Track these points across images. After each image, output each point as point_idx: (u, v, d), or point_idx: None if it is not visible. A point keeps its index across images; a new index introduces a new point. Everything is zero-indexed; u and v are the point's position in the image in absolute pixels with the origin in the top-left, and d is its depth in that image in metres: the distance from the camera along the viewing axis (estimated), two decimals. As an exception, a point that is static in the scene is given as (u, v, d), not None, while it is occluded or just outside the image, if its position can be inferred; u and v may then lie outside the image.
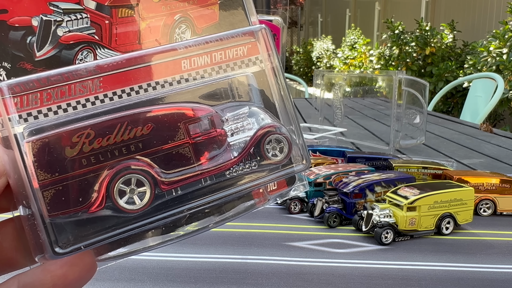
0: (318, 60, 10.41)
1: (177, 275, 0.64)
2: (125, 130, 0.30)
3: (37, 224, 0.28)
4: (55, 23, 0.36)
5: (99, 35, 0.37)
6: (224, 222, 0.35)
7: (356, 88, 1.84)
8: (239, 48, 0.35)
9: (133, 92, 0.31)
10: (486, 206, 0.91)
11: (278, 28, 1.21)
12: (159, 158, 0.31)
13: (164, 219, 0.32)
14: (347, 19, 11.80)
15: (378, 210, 0.78)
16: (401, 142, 1.37)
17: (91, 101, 0.30)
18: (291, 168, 0.36)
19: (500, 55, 4.04)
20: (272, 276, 0.65)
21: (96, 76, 0.30)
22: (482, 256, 0.72)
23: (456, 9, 6.99)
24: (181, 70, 0.33)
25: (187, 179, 0.32)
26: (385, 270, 0.67)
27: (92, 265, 0.30)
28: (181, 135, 0.32)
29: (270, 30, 0.36)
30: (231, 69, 0.34)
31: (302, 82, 4.75)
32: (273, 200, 0.37)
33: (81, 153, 0.29)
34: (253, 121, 0.34)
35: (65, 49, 0.36)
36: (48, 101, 0.29)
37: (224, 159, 0.33)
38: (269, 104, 0.36)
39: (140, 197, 0.31)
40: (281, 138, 0.35)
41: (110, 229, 0.30)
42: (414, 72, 5.35)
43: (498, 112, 4.32)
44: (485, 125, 2.00)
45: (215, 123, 0.33)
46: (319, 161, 1.03)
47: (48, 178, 0.28)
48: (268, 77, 0.36)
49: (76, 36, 0.36)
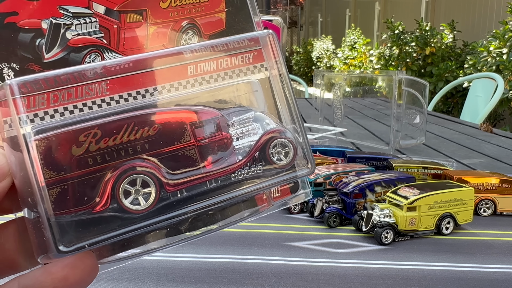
0: (318, 60, 10.42)
1: (177, 275, 0.64)
2: (131, 131, 0.30)
3: (41, 222, 0.28)
4: (64, 26, 0.36)
5: (107, 39, 0.37)
6: (227, 226, 0.35)
7: (356, 88, 1.84)
8: (244, 55, 0.35)
9: (139, 96, 0.31)
10: (486, 206, 0.91)
11: (278, 28, 1.21)
12: (164, 160, 0.31)
13: (168, 220, 0.31)
14: (347, 19, 11.81)
15: (378, 210, 0.78)
16: (401, 142, 1.37)
17: (98, 104, 0.30)
18: (295, 172, 0.36)
19: (500, 55, 4.04)
20: (272, 276, 0.65)
21: (103, 79, 0.30)
22: (482, 256, 0.72)
23: (456, 9, 6.99)
24: (187, 76, 0.33)
25: (192, 181, 0.32)
26: (385, 270, 0.67)
27: (94, 267, 0.30)
28: (187, 137, 0.32)
29: (276, 36, 0.36)
30: (236, 75, 0.35)
31: (302, 82, 4.75)
32: (277, 207, 0.38)
33: (87, 152, 0.29)
34: (258, 126, 0.35)
35: (73, 52, 0.37)
36: (55, 103, 0.29)
37: (229, 162, 0.33)
38: (274, 110, 0.36)
39: (145, 198, 0.31)
40: (286, 142, 0.35)
41: (114, 229, 0.30)
42: (414, 72, 5.35)
43: (498, 112, 4.32)
44: (485, 125, 2.00)
45: (221, 126, 0.33)
46: (319, 161, 1.03)
47: (54, 176, 0.28)
48: (274, 83, 0.36)
49: (84, 39, 0.37)
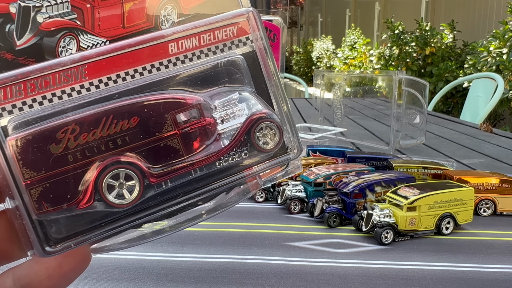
0: (318, 60, 10.41)
1: (177, 275, 0.64)
2: (111, 124, 0.29)
3: (25, 224, 0.28)
4: (34, 9, 0.34)
5: (81, 20, 0.35)
6: (218, 213, 0.34)
7: (356, 88, 1.84)
8: (228, 29, 0.33)
9: (120, 79, 0.30)
10: (486, 206, 0.91)
11: (278, 28, 1.21)
12: (147, 151, 0.30)
13: (155, 212, 0.31)
14: (347, 19, 11.81)
15: (378, 210, 0.78)
16: (401, 142, 1.37)
17: (77, 90, 0.29)
18: (283, 157, 0.35)
19: (500, 55, 4.04)
20: (272, 276, 0.65)
21: (80, 64, 0.29)
22: (482, 256, 0.72)
23: (456, 9, 6.99)
24: (169, 54, 0.32)
25: (177, 171, 0.31)
26: (385, 270, 0.67)
27: (87, 255, 0.30)
28: (169, 127, 0.31)
29: (258, 13, 0.34)
30: (220, 51, 0.33)
31: (302, 82, 4.75)
32: (265, 183, 0.36)
33: (66, 149, 0.28)
34: (243, 107, 0.33)
35: (46, 37, 0.34)
36: (32, 92, 0.28)
37: (214, 149, 0.32)
38: (260, 86, 0.34)
39: (129, 191, 0.30)
40: (272, 125, 0.33)
41: (100, 225, 0.29)
42: (414, 72, 5.35)
43: (498, 112, 4.32)
44: (485, 125, 2.00)
45: (203, 111, 0.32)
46: (319, 161, 1.03)
47: (35, 176, 0.28)
48: (258, 58, 0.34)
49: (57, 22, 0.34)
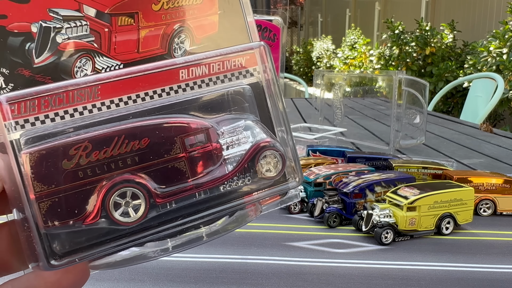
0: (318, 60, 10.41)
1: (177, 275, 0.64)
2: (122, 144, 0.30)
3: (32, 236, 0.28)
4: (54, 29, 0.35)
5: (98, 43, 0.37)
6: (218, 236, 0.35)
7: (356, 88, 1.84)
8: (237, 59, 0.35)
9: (130, 101, 0.31)
10: (486, 206, 0.91)
11: (278, 28, 1.21)
12: (155, 172, 0.31)
13: (159, 232, 0.32)
14: (347, 19, 11.80)
15: (378, 210, 0.78)
16: (401, 142, 1.37)
17: (88, 109, 0.30)
18: (284, 185, 0.36)
19: (500, 55, 4.04)
20: (272, 276, 0.65)
21: (94, 84, 0.30)
22: (482, 256, 0.72)
23: (456, 9, 6.99)
24: (179, 80, 0.33)
25: (182, 192, 0.32)
26: (385, 270, 0.67)
27: (85, 271, 0.31)
28: (177, 149, 0.32)
29: (268, 47, 0.35)
30: (228, 79, 0.35)
31: (302, 82, 4.75)
32: (265, 210, 0.38)
33: (78, 165, 0.29)
34: (248, 135, 0.34)
35: (64, 56, 0.36)
36: (45, 108, 0.29)
37: (219, 174, 0.34)
38: (265, 117, 0.36)
39: (135, 210, 0.31)
40: (276, 154, 0.35)
41: (104, 242, 0.30)
42: (414, 72, 5.35)
43: (498, 112, 4.32)
44: (485, 125, 2.00)
45: (210, 137, 0.33)
46: (319, 161, 1.03)
47: (45, 190, 0.28)
48: (265, 90, 0.36)
49: (75, 43, 0.36)
